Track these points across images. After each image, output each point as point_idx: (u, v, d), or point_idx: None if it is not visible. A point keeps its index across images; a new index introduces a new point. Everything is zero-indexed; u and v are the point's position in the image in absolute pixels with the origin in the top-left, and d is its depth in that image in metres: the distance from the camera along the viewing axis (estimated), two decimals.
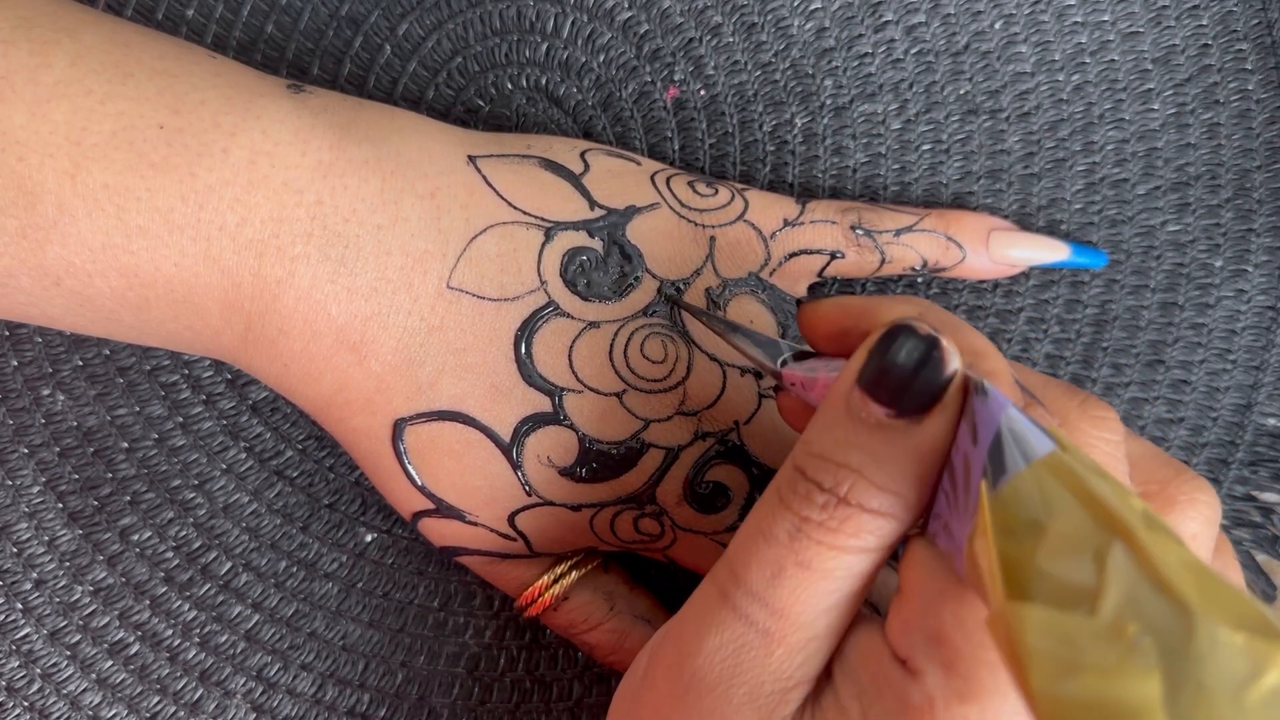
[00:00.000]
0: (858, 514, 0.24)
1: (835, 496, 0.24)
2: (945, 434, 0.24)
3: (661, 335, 0.34)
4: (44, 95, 0.30)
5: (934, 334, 0.24)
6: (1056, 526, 0.20)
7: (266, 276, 0.31)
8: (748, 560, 0.25)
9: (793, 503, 0.25)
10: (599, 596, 0.37)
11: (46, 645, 0.39)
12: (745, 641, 0.25)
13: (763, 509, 0.26)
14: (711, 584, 0.27)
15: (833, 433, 0.25)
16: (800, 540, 0.25)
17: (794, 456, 0.26)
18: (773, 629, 0.25)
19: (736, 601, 0.25)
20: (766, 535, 0.25)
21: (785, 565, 0.25)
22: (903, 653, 0.24)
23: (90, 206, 0.30)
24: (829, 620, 0.25)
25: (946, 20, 0.39)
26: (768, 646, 0.25)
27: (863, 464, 0.24)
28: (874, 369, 0.24)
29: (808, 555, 0.24)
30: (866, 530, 0.24)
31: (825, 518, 0.24)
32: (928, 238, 0.36)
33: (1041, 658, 0.19)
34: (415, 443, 0.34)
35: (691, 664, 0.26)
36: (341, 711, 0.40)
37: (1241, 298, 0.39)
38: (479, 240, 0.33)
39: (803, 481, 0.25)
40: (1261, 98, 0.39)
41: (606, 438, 0.34)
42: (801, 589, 0.25)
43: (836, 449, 0.25)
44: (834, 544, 0.24)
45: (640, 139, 0.40)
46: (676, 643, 0.27)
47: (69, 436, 0.40)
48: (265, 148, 0.31)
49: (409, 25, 0.40)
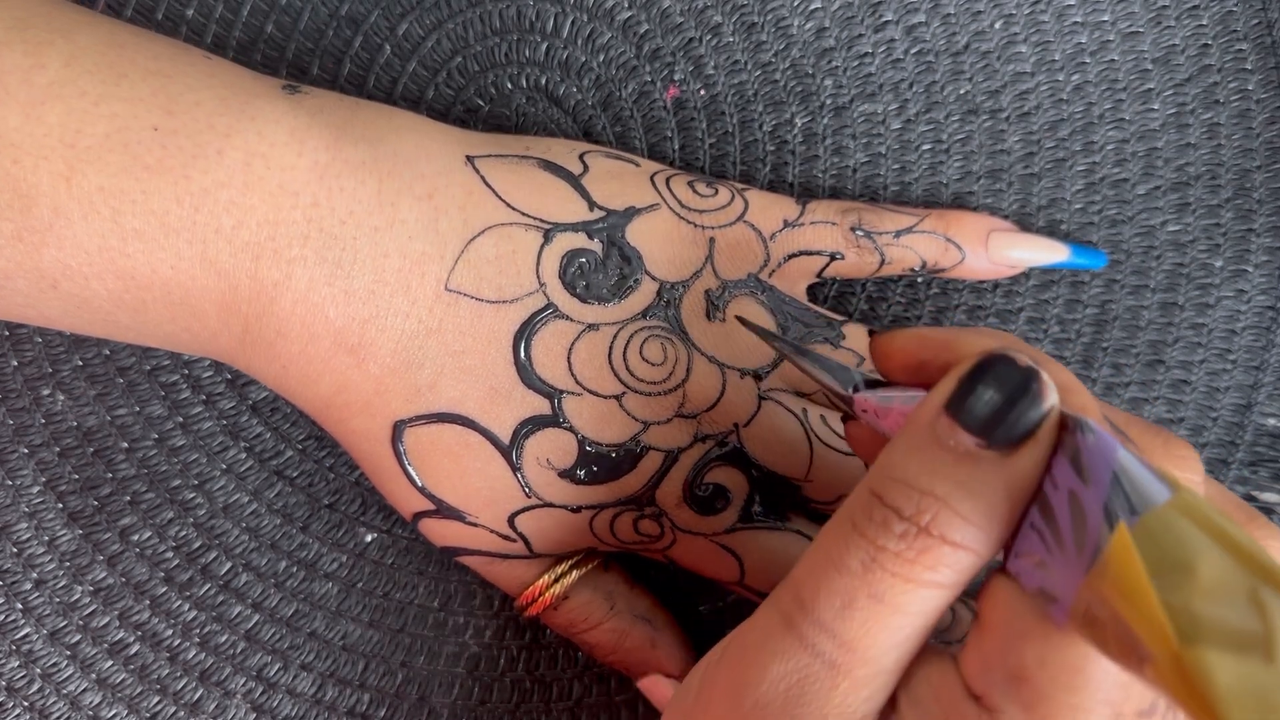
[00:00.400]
0: (938, 546, 0.23)
1: (915, 526, 0.23)
2: (1037, 469, 0.23)
3: (661, 338, 0.34)
4: (38, 97, 0.30)
5: (1034, 366, 0.23)
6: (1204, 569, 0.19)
7: (263, 279, 0.31)
8: (816, 589, 0.24)
9: (868, 530, 0.24)
10: (599, 596, 0.37)
11: (46, 645, 0.39)
12: (810, 673, 0.24)
13: (834, 535, 0.25)
14: (774, 610, 0.26)
15: (916, 459, 0.24)
16: (874, 571, 0.24)
17: (870, 480, 0.25)
18: (840, 661, 0.24)
19: (803, 631, 0.24)
20: (838, 564, 0.24)
21: (857, 597, 0.24)
22: (978, 689, 0.24)
23: (85, 209, 0.30)
24: (898, 655, 0.24)
25: (946, 20, 0.39)
26: (833, 679, 0.24)
27: (948, 493, 0.23)
28: (967, 396, 0.23)
29: (881, 588, 0.24)
30: (945, 564, 0.23)
31: (903, 548, 0.23)
32: (927, 239, 0.36)
33: (1240, 702, 0.18)
34: (415, 444, 0.34)
35: (752, 692, 0.25)
36: (341, 711, 0.40)
37: (1241, 298, 0.39)
38: (477, 242, 0.33)
39: (880, 508, 0.24)
40: (1261, 98, 0.39)
41: (606, 440, 0.34)
42: (872, 623, 0.24)
43: (920, 475, 0.23)
44: (910, 577, 0.23)
45: (640, 139, 0.40)
46: (736, 668, 0.26)
47: (69, 436, 0.40)
48: (260, 149, 0.31)
49: (409, 25, 0.39)
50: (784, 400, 0.35)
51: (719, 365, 0.35)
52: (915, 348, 0.27)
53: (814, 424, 0.35)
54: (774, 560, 0.35)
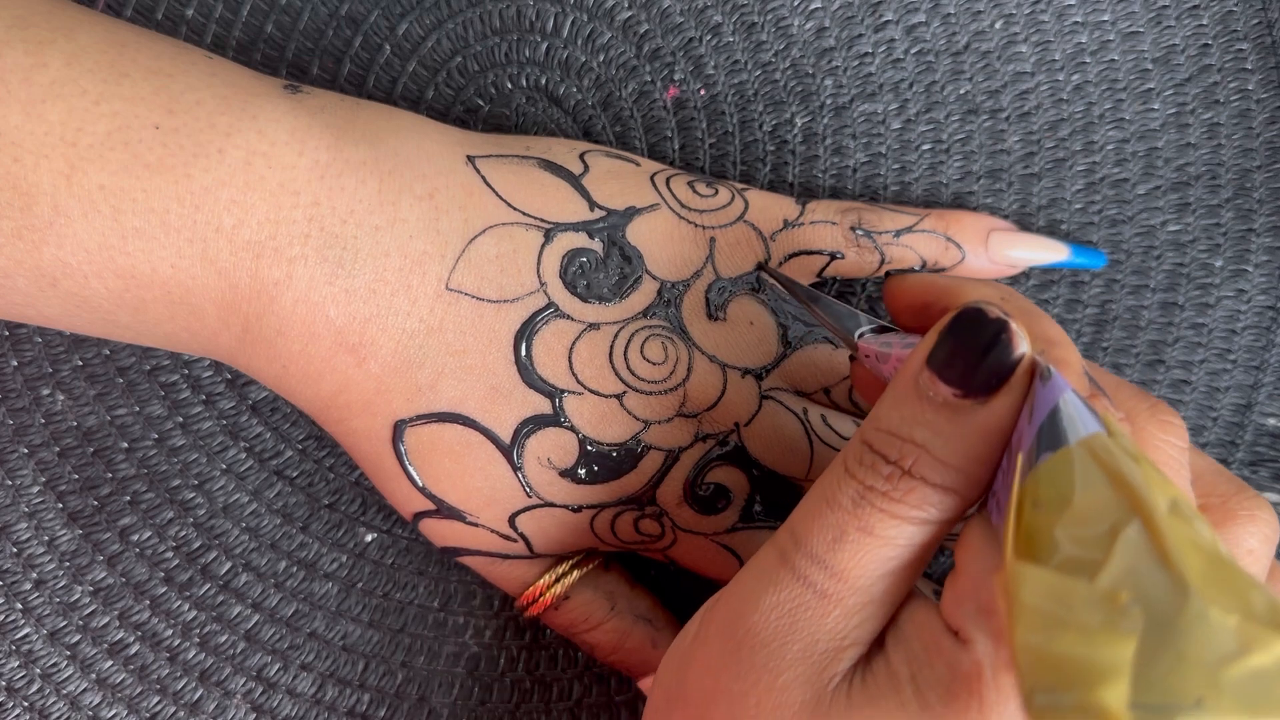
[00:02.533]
0: (921, 486, 0.25)
1: (900, 469, 0.25)
2: (1009, 415, 0.24)
3: (661, 337, 0.34)
4: (39, 95, 0.30)
5: (1004, 317, 0.24)
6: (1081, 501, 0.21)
7: (264, 278, 0.31)
8: (810, 524, 0.26)
9: (858, 472, 0.26)
10: (600, 596, 0.37)
11: (46, 645, 0.39)
12: (802, 601, 0.26)
13: (828, 478, 0.27)
14: (771, 547, 0.27)
15: (900, 409, 0.26)
16: (863, 506, 0.25)
17: (862, 430, 0.26)
18: (830, 590, 0.26)
19: (796, 563, 0.26)
20: (830, 501, 0.26)
21: (847, 529, 0.25)
22: (955, 624, 0.25)
23: (86, 208, 0.30)
24: (885, 586, 0.26)
25: (946, 20, 0.39)
26: (824, 607, 0.26)
27: (927, 440, 0.25)
28: (944, 350, 0.25)
29: (870, 521, 0.25)
30: (928, 503, 0.25)
31: (889, 487, 0.25)
32: (927, 238, 0.36)
33: (1032, 613, 0.20)
34: (415, 444, 0.34)
35: (746, 621, 0.27)
36: (341, 711, 0.40)
37: (1241, 298, 0.39)
38: (478, 241, 0.33)
39: (869, 453, 0.26)
40: (1261, 98, 0.39)
41: (606, 439, 0.34)
42: (861, 553, 0.25)
43: (903, 425, 0.25)
44: (896, 512, 0.25)
45: (640, 138, 0.40)
46: (731, 602, 0.28)
47: (69, 436, 0.40)
48: (261, 148, 0.31)
49: (409, 25, 0.39)
50: (785, 400, 0.35)
51: (720, 365, 0.35)
52: (921, 291, 0.29)
53: (815, 424, 0.35)
54: None
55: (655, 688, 0.30)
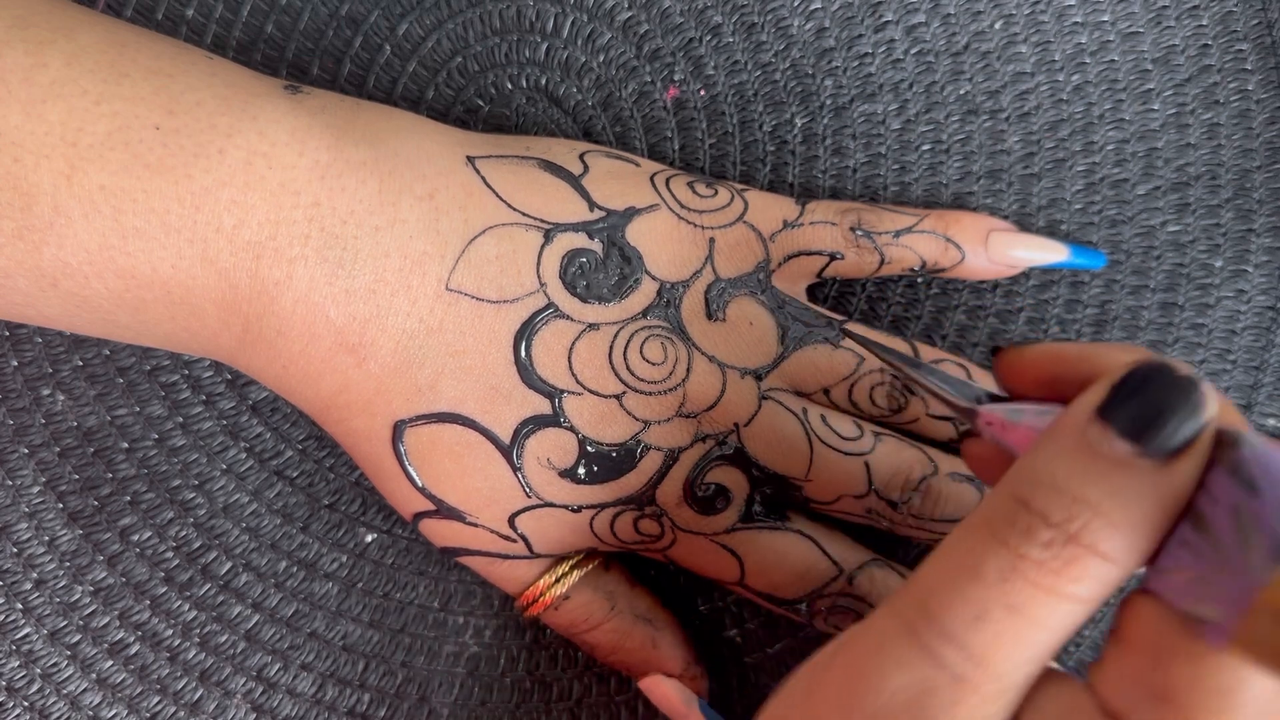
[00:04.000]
0: (1086, 556, 0.22)
1: (1064, 533, 0.22)
2: (1191, 481, 0.22)
3: (661, 337, 0.34)
4: (39, 95, 0.30)
5: (1194, 376, 0.22)
6: None
7: (264, 278, 0.31)
8: (946, 598, 0.23)
9: (1010, 537, 0.23)
10: (600, 596, 0.37)
11: (46, 645, 0.39)
12: (934, 686, 0.23)
13: (968, 541, 0.23)
14: (894, 617, 0.24)
15: (1066, 464, 0.22)
16: (1013, 581, 0.22)
17: (1012, 486, 0.23)
18: (967, 676, 0.23)
19: (927, 641, 0.23)
20: (972, 573, 0.23)
21: (992, 608, 0.22)
22: (1116, 708, 0.22)
23: (87, 208, 0.30)
24: (1027, 672, 0.23)
25: (946, 20, 0.39)
26: (959, 694, 0.23)
27: (1100, 500, 0.22)
28: (1123, 402, 0.22)
29: (1020, 600, 0.22)
30: (1090, 576, 0.22)
31: (1047, 557, 0.22)
32: (927, 239, 0.36)
33: None
34: (415, 444, 0.34)
35: (869, 702, 0.23)
36: (341, 711, 0.40)
37: (1241, 298, 0.39)
38: (478, 242, 0.33)
39: (1025, 514, 0.23)
40: (1261, 98, 0.39)
41: (606, 439, 0.34)
42: (1006, 636, 0.22)
43: (1070, 480, 0.22)
44: (1052, 588, 0.22)
45: (640, 139, 0.40)
46: (850, 675, 0.24)
47: (69, 436, 0.40)
48: (262, 149, 0.31)
49: (409, 25, 0.39)
50: (784, 400, 0.35)
51: (719, 365, 0.35)
52: (1049, 362, 0.27)
53: (814, 424, 0.35)
54: (774, 560, 0.35)
55: None
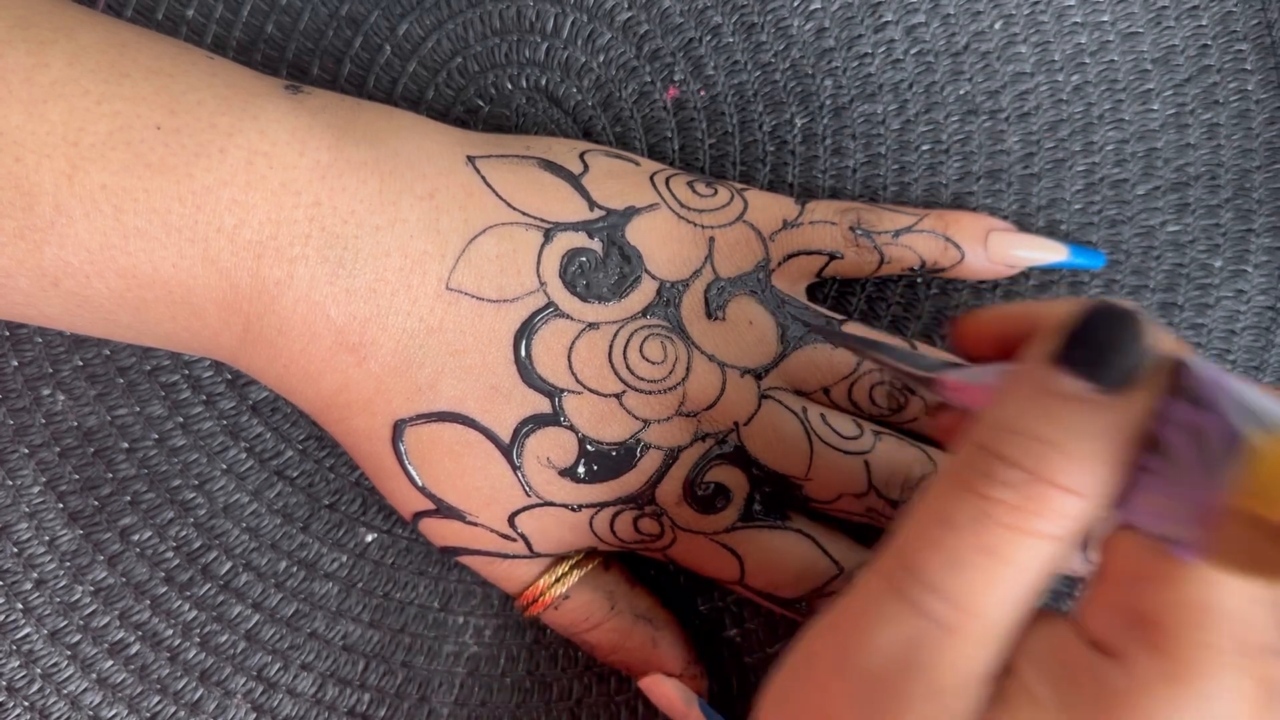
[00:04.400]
0: (1052, 492, 0.23)
1: (1027, 472, 0.23)
2: (1146, 410, 0.23)
3: (661, 336, 0.34)
4: (41, 95, 0.30)
5: (1136, 309, 0.23)
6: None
7: (265, 278, 0.31)
8: (923, 549, 0.24)
9: (976, 483, 0.23)
10: (600, 595, 0.37)
11: (47, 645, 0.39)
12: (922, 636, 0.23)
13: (939, 493, 0.24)
14: (876, 576, 0.25)
15: (1025, 407, 0.23)
16: (984, 523, 0.23)
17: (975, 436, 0.24)
18: (952, 621, 0.23)
19: (910, 593, 0.24)
20: (944, 520, 0.24)
21: (966, 552, 0.23)
22: (1102, 638, 0.23)
23: (88, 207, 0.30)
24: (1011, 612, 0.24)
25: (946, 20, 0.39)
26: (946, 640, 0.23)
27: (1060, 437, 0.23)
28: (1075, 342, 0.23)
29: (992, 540, 0.23)
30: (1059, 512, 0.23)
31: (1015, 498, 0.23)
32: (926, 238, 0.36)
33: None
34: (415, 443, 0.34)
35: (861, 659, 0.24)
36: (342, 711, 0.40)
37: (1241, 298, 0.39)
38: (478, 241, 0.33)
39: (989, 458, 0.23)
40: (1261, 98, 0.39)
41: (606, 438, 0.34)
42: (984, 578, 0.23)
43: (1030, 422, 0.23)
44: (1023, 527, 0.23)
45: (640, 139, 0.40)
46: (838, 637, 0.25)
47: (69, 436, 0.40)
48: (263, 148, 0.31)
49: (409, 25, 0.40)
50: (784, 399, 0.35)
51: (719, 364, 0.35)
52: (999, 322, 0.28)
53: (814, 423, 0.35)
54: (774, 559, 0.35)
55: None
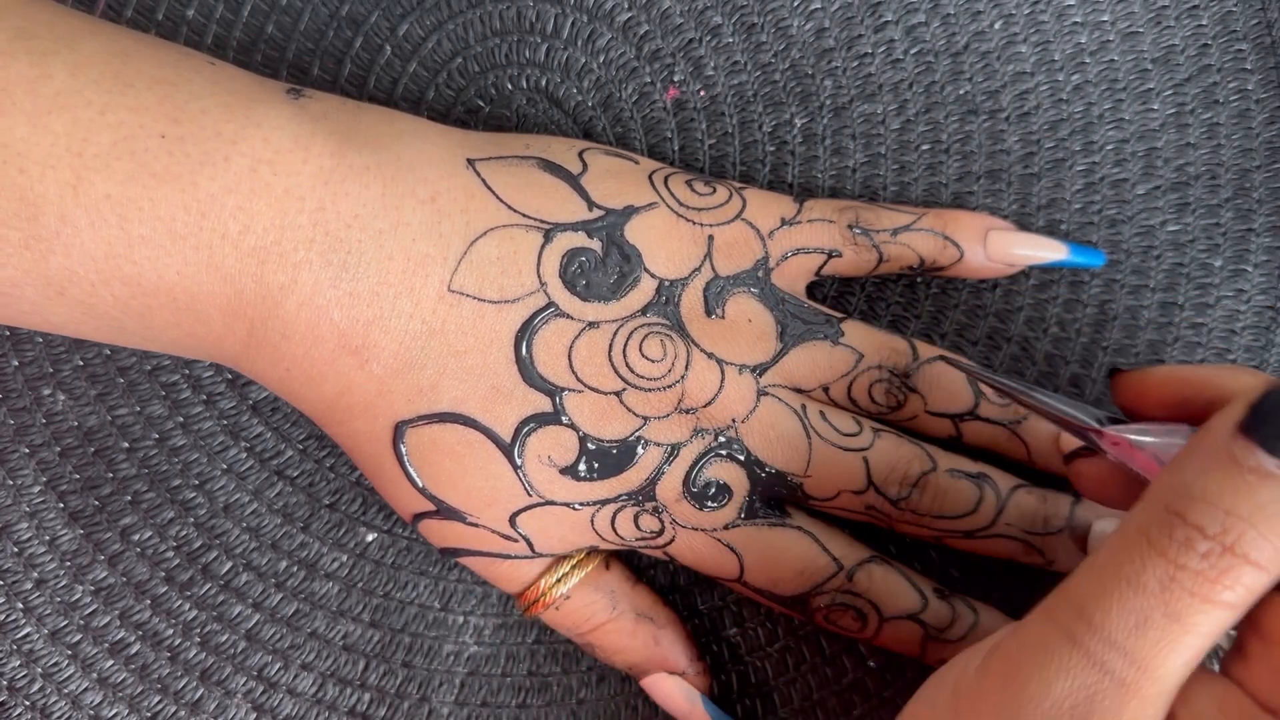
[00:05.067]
0: (1240, 566, 0.23)
1: (1220, 545, 0.23)
2: None
3: (660, 334, 0.34)
4: (44, 107, 0.30)
5: None
6: None
7: (269, 283, 0.32)
8: (1107, 606, 0.24)
9: (1168, 550, 0.24)
10: (601, 595, 0.37)
11: (47, 645, 0.40)
12: (1099, 690, 0.24)
13: (1125, 552, 0.25)
14: (1050, 624, 0.25)
15: (1215, 480, 0.24)
16: (1173, 590, 0.24)
17: (1165, 499, 0.25)
18: (1130, 679, 0.24)
19: (1089, 647, 0.24)
20: (1132, 582, 0.24)
21: (1152, 615, 0.24)
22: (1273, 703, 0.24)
23: (93, 217, 0.30)
24: (1183, 674, 0.24)
25: (946, 20, 0.39)
26: (1123, 698, 0.24)
27: (1252, 514, 0.23)
28: (1266, 419, 0.24)
29: (1179, 607, 0.24)
30: (1242, 584, 0.23)
31: (1205, 567, 0.23)
32: (925, 237, 0.36)
33: None
34: (416, 445, 0.34)
35: (1034, 708, 0.25)
36: (342, 711, 0.40)
37: (1241, 298, 0.39)
38: (479, 243, 0.33)
39: (1182, 527, 0.24)
40: (1261, 98, 0.39)
41: (606, 436, 0.34)
42: (1166, 642, 0.24)
43: (1223, 495, 0.24)
44: (1209, 597, 0.23)
45: (640, 139, 0.40)
46: (1009, 683, 0.26)
47: (70, 436, 0.40)
48: (266, 155, 0.31)
49: (409, 26, 0.40)
50: (783, 396, 0.35)
51: (718, 361, 0.35)
52: (1175, 385, 0.28)
53: (813, 420, 0.35)
54: (774, 557, 0.35)
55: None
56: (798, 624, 0.39)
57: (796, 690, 0.39)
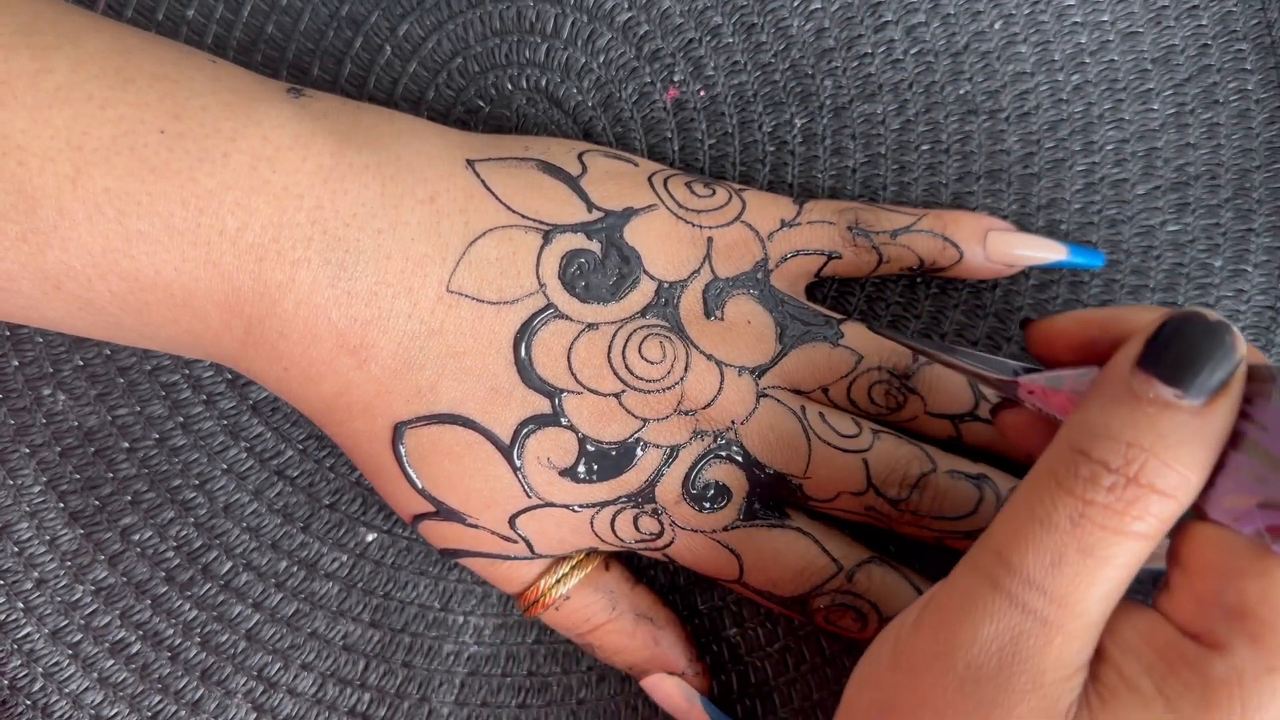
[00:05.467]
0: (1147, 495, 0.24)
1: (1124, 477, 0.24)
2: (1232, 415, 0.24)
3: (659, 336, 0.34)
4: (45, 100, 0.30)
5: (1225, 321, 0.24)
6: None
7: (267, 280, 0.32)
8: (1023, 547, 0.25)
9: (1074, 486, 0.25)
10: (601, 596, 0.37)
11: (48, 644, 0.40)
12: (1024, 630, 0.25)
13: (1036, 492, 0.26)
14: (975, 572, 0.26)
15: (1117, 414, 0.25)
16: (1084, 525, 0.25)
17: (1070, 439, 0.26)
18: (1052, 616, 0.25)
19: (1011, 590, 0.25)
20: (1044, 521, 0.25)
21: (1067, 552, 0.25)
22: (1194, 628, 0.25)
23: (91, 211, 0.30)
24: (1105, 607, 0.25)
25: (946, 20, 0.39)
26: (1047, 634, 0.25)
27: (1154, 443, 0.24)
28: (1162, 351, 0.25)
29: (1091, 541, 0.25)
30: (1151, 514, 0.24)
31: (1112, 500, 0.24)
32: (925, 238, 0.36)
33: None
34: (415, 446, 0.34)
35: (964, 653, 0.26)
36: (342, 711, 0.40)
37: (1241, 298, 0.39)
38: (478, 244, 0.33)
39: (1086, 463, 0.25)
40: (1261, 98, 0.39)
41: (606, 438, 0.34)
42: (1083, 577, 0.25)
43: (1125, 428, 0.25)
44: (1119, 529, 0.24)
45: (640, 140, 0.40)
46: (940, 632, 0.26)
47: (70, 436, 0.40)
48: (266, 153, 0.31)
49: (409, 26, 0.40)
50: (782, 398, 0.35)
51: (717, 363, 0.35)
52: (1079, 328, 0.29)
53: (812, 421, 0.35)
54: (773, 558, 0.35)
55: (848, 713, 0.29)
56: (798, 624, 0.39)
57: (796, 690, 0.39)
